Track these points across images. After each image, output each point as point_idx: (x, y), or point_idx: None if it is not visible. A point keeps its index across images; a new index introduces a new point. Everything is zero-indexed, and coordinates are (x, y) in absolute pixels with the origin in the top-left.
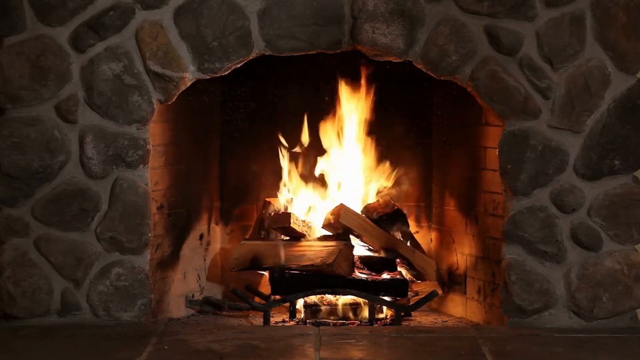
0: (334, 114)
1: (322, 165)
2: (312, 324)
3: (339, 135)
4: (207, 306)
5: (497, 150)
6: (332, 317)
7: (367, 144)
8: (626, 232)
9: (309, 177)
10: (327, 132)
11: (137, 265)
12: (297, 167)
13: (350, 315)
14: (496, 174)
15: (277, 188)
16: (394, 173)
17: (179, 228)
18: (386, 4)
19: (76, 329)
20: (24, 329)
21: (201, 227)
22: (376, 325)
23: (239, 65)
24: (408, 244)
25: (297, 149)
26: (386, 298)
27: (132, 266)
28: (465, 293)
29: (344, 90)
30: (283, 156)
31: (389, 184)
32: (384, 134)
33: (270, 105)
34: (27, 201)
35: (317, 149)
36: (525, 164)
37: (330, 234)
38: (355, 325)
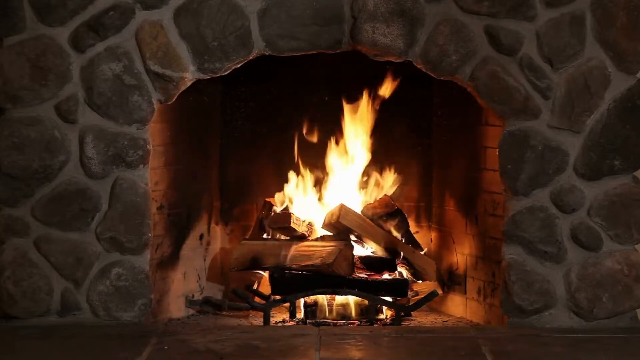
0: (334, 114)
1: (322, 166)
2: (312, 324)
3: (339, 135)
4: (207, 306)
5: (497, 150)
6: (332, 317)
7: (366, 144)
8: (626, 232)
9: (309, 176)
10: (326, 133)
11: (137, 265)
12: (297, 167)
13: (351, 315)
14: (496, 174)
15: (277, 188)
16: (395, 179)
17: (179, 228)
18: (386, 4)
19: (76, 329)
20: (24, 329)
21: (201, 227)
22: (376, 325)
23: (239, 65)
24: (408, 244)
25: (296, 150)
26: (386, 298)
27: (132, 266)
28: (465, 293)
29: (344, 89)
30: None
31: (390, 188)
32: (384, 134)
33: (270, 105)
34: (27, 201)
35: (316, 148)
36: (525, 164)
37: (330, 234)
38: (355, 325)
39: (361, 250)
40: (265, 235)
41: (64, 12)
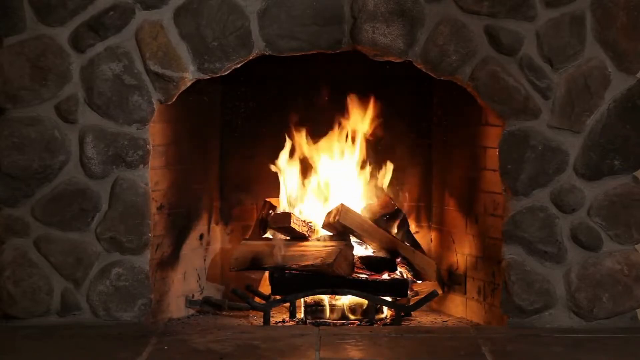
0: (334, 114)
1: (321, 166)
2: (312, 324)
3: (339, 135)
4: (207, 306)
5: (497, 150)
6: (332, 317)
7: (366, 145)
8: (626, 232)
9: (309, 177)
10: (326, 132)
11: (137, 265)
12: (297, 167)
13: (350, 315)
14: (496, 174)
15: (277, 188)
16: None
17: (179, 228)
18: (386, 4)
19: (76, 329)
20: (24, 329)
21: (201, 227)
22: (376, 325)
23: (239, 65)
24: (408, 244)
25: (296, 150)
26: (386, 298)
27: (132, 266)
28: (465, 293)
29: (344, 89)
30: (283, 156)
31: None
32: (384, 133)
33: (270, 106)
34: (27, 201)
35: (316, 149)
36: (525, 164)
37: (330, 233)
38: (355, 325)
39: (361, 250)
40: (265, 235)
41: (64, 12)
